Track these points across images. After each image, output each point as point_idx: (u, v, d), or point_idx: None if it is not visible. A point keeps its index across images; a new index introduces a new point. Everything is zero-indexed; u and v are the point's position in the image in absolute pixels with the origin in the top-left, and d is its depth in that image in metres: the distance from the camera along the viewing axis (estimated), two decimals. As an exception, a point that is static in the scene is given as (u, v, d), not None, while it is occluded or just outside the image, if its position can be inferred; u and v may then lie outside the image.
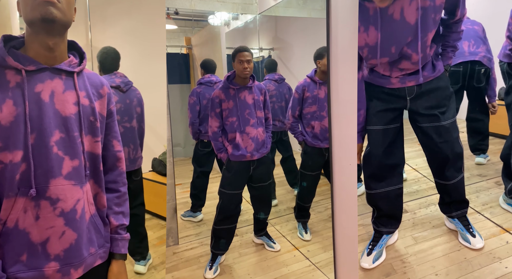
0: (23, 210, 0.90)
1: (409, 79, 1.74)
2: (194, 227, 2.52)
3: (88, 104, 1.00)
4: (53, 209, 0.92)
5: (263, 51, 2.85)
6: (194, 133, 2.50)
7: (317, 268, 2.01)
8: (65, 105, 0.95)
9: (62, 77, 0.97)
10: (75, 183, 0.96)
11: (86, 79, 1.03)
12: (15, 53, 0.92)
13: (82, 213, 0.98)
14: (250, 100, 2.04)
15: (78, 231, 0.96)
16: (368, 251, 1.87)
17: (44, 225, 0.92)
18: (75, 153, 0.96)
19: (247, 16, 2.83)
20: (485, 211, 2.19)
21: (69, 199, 0.94)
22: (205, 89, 2.48)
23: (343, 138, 1.62)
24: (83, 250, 0.98)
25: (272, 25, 2.85)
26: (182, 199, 2.78)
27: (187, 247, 2.31)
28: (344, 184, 1.66)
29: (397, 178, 1.89)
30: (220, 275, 2.02)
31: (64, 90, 0.96)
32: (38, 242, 0.91)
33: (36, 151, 0.90)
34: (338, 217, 1.72)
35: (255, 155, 2.05)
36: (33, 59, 0.93)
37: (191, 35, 2.98)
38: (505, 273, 1.70)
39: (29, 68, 0.92)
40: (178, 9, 2.64)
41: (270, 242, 2.25)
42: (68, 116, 0.95)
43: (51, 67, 0.95)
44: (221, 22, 2.87)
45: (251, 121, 2.03)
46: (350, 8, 1.49)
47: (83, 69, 1.04)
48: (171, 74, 2.86)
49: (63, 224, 0.93)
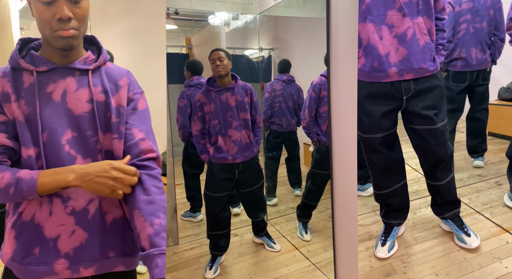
0: (39, 205, 0.92)
1: (407, 71, 1.71)
2: (194, 227, 2.52)
3: (103, 100, 0.98)
4: (64, 207, 0.93)
5: (263, 51, 2.85)
6: (184, 136, 2.47)
7: (317, 268, 2.01)
8: (77, 104, 0.95)
9: (75, 75, 0.97)
10: None
11: (104, 74, 1.01)
12: (31, 55, 0.95)
13: (97, 213, 0.96)
14: (233, 102, 1.98)
15: (90, 231, 0.95)
16: (382, 242, 1.91)
17: (56, 222, 0.92)
18: (87, 152, 0.95)
19: (247, 16, 2.83)
20: (485, 211, 2.19)
21: (81, 198, 0.94)
22: (195, 91, 2.42)
23: (343, 138, 1.62)
24: (95, 251, 0.96)
25: (272, 25, 2.85)
26: (182, 199, 2.78)
27: (187, 247, 2.31)
28: (344, 184, 1.66)
29: (402, 174, 1.94)
30: (220, 275, 2.02)
31: (77, 88, 0.96)
32: (50, 238, 0.92)
33: (48, 149, 0.92)
34: (338, 217, 1.72)
35: (238, 158, 2.00)
36: (46, 59, 0.94)
37: (191, 35, 2.98)
38: (505, 273, 1.70)
39: (41, 69, 0.94)
40: (178, 9, 2.64)
41: (270, 242, 2.24)
42: (81, 115, 0.95)
43: (63, 67, 0.96)
44: (221, 22, 2.87)
45: (234, 123, 1.98)
46: (350, 8, 1.49)
47: (101, 65, 1.02)
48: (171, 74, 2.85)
49: (73, 223, 0.93)
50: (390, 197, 1.92)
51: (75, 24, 0.90)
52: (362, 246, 1.97)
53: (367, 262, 1.87)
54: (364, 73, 1.74)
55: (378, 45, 1.66)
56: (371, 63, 1.70)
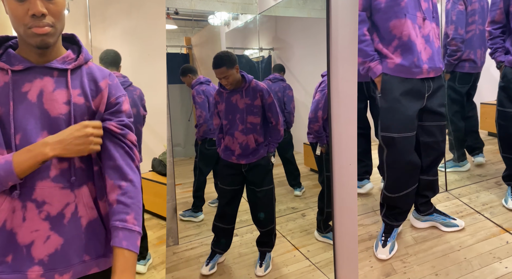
0: (11, 210, 0.88)
1: (431, 70, 1.80)
2: (194, 227, 2.52)
3: (82, 103, 0.94)
4: (39, 212, 0.88)
5: (263, 51, 2.85)
6: (205, 132, 2.46)
7: (317, 268, 2.01)
8: (54, 105, 0.90)
9: (53, 75, 0.92)
10: (63, 186, 0.91)
11: (85, 75, 0.96)
12: (8, 54, 0.91)
13: (73, 217, 0.92)
14: (241, 105, 1.93)
15: (65, 236, 0.91)
16: (382, 242, 1.92)
17: (29, 228, 0.88)
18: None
19: (247, 16, 2.83)
20: (485, 211, 2.19)
21: (56, 203, 0.90)
22: (208, 87, 2.48)
23: (343, 138, 1.62)
24: (71, 256, 0.92)
25: (272, 25, 2.85)
26: (182, 199, 2.78)
27: (187, 247, 2.31)
28: (344, 184, 1.66)
29: (417, 177, 1.96)
30: (220, 275, 2.02)
31: (55, 89, 0.91)
32: (23, 244, 0.88)
33: None
34: (338, 217, 1.72)
35: (242, 160, 1.99)
36: (23, 58, 0.90)
37: (191, 35, 2.98)
38: (505, 273, 1.70)
39: (16, 68, 0.89)
40: (178, 9, 2.64)
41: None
42: (57, 117, 0.90)
43: (41, 66, 0.91)
44: (221, 22, 2.87)
45: (240, 126, 1.95)
46: (350, 8, 1.49)
47: (82, 65, 0.97)
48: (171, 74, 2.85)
49: (48, 228, 0.89)
50: (400, 199, 1.90)
51: (50, 21, 0.85)
52: (362, 246, 1.97)
53: (367, 262, 1.87)
54: (405, 68, 1.74)
55: (417, 41, 1.73)
56: (412, 58, 1.73)
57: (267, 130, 2.03)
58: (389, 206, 1.95)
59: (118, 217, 0.92)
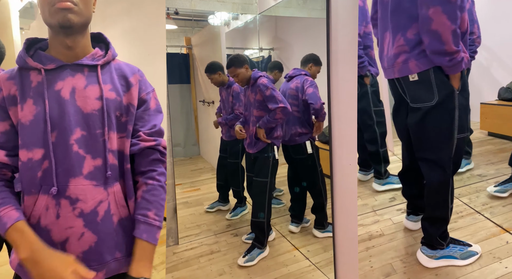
0: (45, 207, 0.89)
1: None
2: (194, 227, 2.52)
3: (114, 98, 0.95)
4: (73, 209, 0.90)
5: (263, 51, 2.85)
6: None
7: (317, 268, 2.01)
8: (86, 101, 0.92)
9: (84, 72, 0.95)
10: (97, 183, 0.92)
11: (114, 71, 0.99)
12: (38, 54, 0.94)
13: (106, 215, 0.94)
14: (252, 99, 2.17)
15: (99, 234, 0.92)
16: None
17: (63, 225, 0.89)
18: (97, 152, 0.92)
19: (247, 16, 2.83)
20: (485, 211, 2.19)
21: (90, 200, 0.91)
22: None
23: (343, 138, 1.62)
24: (104, 254, 0.94)
25: (272, 25, 2.85)
26: (182, 199, 2.78)
27: (187, 247, 2.31)
28: (344, 184, 1.66)
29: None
30: (220, 275, 2.02)
31: (86, 85, 0.93)
32: (58, 241, 0.90)
33: (57, 149, 0.89)
34: (338, 217, 1.72)
35: (249, 149, 2.22)
36: (53, 57, 0.93)
37: (191, 35, 2.98)
38: (505, 273, 1.70)
39: (49, 67, 0.92)
40: (178, 9, 2.64)
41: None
42: (90, 113, 0.92)
43: (72, 64, 0.94)
44: (221, 22, 2.87)
45: (251, 118, 2.19)
46: (350, 8, 1.49)
47: (110, 61, 1.00)
48: (171, 74, 2.85)
49: (82, 225, 0.90)
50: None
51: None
52: (362, 246, 1.97)
53: (367, 262, 1.87)
54: (467, 61, 1.54)
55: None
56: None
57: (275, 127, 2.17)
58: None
59: (141, 212, 0.97)
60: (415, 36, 1.49)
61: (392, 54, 1.58)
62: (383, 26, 1.68)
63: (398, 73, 1.61)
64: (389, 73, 1.68)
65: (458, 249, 1.78)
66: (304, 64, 2.25)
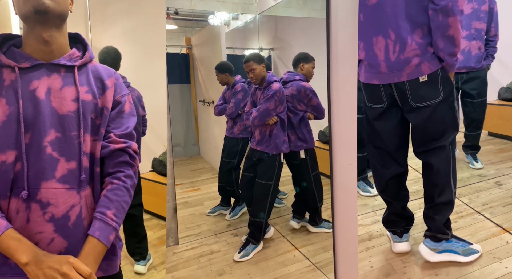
0: (15, 211, 0.86)
1: None
2: (194, 227, 2.52)
3: (90, 100, 0.93)
4: (43, 214, 0.86)
5: (263, 51, 2.85)
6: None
7: (317, 268, 2.01)
8: (62, 102, 0.89)
9: (60, 72, 0.92)
10: (70, 187, 0.90)
11: (91, 73, 0.96)
12: (12, 51, 0.90)
13: (78, 219, 0.91)
14: (260, 100, 2.18)
15: (70, 239, 0.90)
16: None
17: (33, 229, 0.86)
18: (72, 154, 0.90)
19: (247, 16, 2.83)
20: (485, 211, 2.19)
21: (61, 204, 0.88)
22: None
23: (343, 138, 1.62)
24: None
25: (272, 25, 2.85)
26: (182, 199, 2.78)
27: (187, 247, 2.31)
28: (344, 184, 1.66)
29: None
30: (220, 275, 2.02)
31: (62, 86, 0.90)
32: None
33: (30, 151, 0.86)
34: (338, 217, 1.72)
35: (257, 147, 2.22)
36: (28, 55, 0.89)
37: (191, 35, 2.98)
38: (505, 273, 1.70)
39: (24, 65, 0.88)
40: (178, 9, 2.64)
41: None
42: (66, 115, 0.89)
43: (48, 63, 0.90)
44: (221, 22, 2.87)
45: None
46: (350, 8, 1.49)
47: (87, 63, 0.98)
48: (171, 74, 2.85)
49: (52, 230, 0.87)
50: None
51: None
52: (362, 246, 1.97)
53: (367, 262, 1.87)
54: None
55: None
56: None
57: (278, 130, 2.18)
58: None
59: (99, 209, 0.93)
60: (423, 40, 1.58)
61: (403, 58, 1.61)
62: (371, 31, 1.66)
63: (407, 77, 1.63)
64: (390, 78, 1.67)
65: (460, 244, 1.81)
66: (295, 65, 2.24)
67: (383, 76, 1.68)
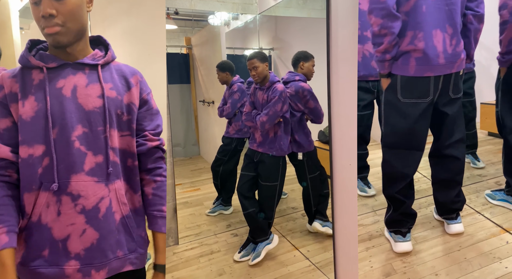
0: (45, 205, 0.90)
1: None
2: (194, 227, 2.52)
3: (114, 97, 0.98)
4: (74, 206, 0.90)
5: (263, 51, 2.85)
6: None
7: (317, 268, 2.01)
8: (88, 99, 0.94)
9: (85, 71, 0.97)
10: (98, 180, 0.93)
11: (114, 71, 1.01)
12: (40, 54, 0.95)
13: (108, 212, 0.94)
14: (262, 100, 2.16)
15: (101, 231, 0.93)
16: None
17: (65, 221, 0.90)
18: (99, 148, 0.94)
19: (247, 16, 2.83)
20: (485, 211, 2.19)
21: (91, 196, 0.91)
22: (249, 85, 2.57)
23: (343, 138, 1.62)
24: (107, 252, 0.94)
25: (272, 25, 2.85)
26: (182, 199, 2.78)
27: (187, 247, 2.31)
28: (344, 184, 1.66)
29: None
30: (220, 275, 2.02)
31: (88, 83, 0.95)
32: (59, 239, 0.90)
33: (58, 146, 0.90)
34: (338, 217, 1.72)
35: (259, 148, 2.18)
36: (55, 56, 0.95)
37: (191, 35, 2.98)
38: (505, 273, 1.70)
39: (51, 65, 0.94)
40: (178, 9, 2.64)
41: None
42: (92, 111, 0.94)
43: (73, 63, 0.96)
44: (221, 22, 2.87)
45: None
46: (350, 8, 1.49)
47: (110, 62, 1.03)
48: (171, 74, 2.85)
49: (84, 222, 0.91)
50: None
51: (59, 20, 0.89)
52: (362, 246, 1.97)
53: (367, 262, 1.87)
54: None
55: None
56: None
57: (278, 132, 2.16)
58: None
59: (156, 208, 1.04)
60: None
61: (458, 51, 1.79)
62: (431, 24, 1.73)
63: (457, 68, 1.80)
64: (445, 69, 1.77)
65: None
66: (295, 65, 2.23)
67: (438, 67, 1.76)
